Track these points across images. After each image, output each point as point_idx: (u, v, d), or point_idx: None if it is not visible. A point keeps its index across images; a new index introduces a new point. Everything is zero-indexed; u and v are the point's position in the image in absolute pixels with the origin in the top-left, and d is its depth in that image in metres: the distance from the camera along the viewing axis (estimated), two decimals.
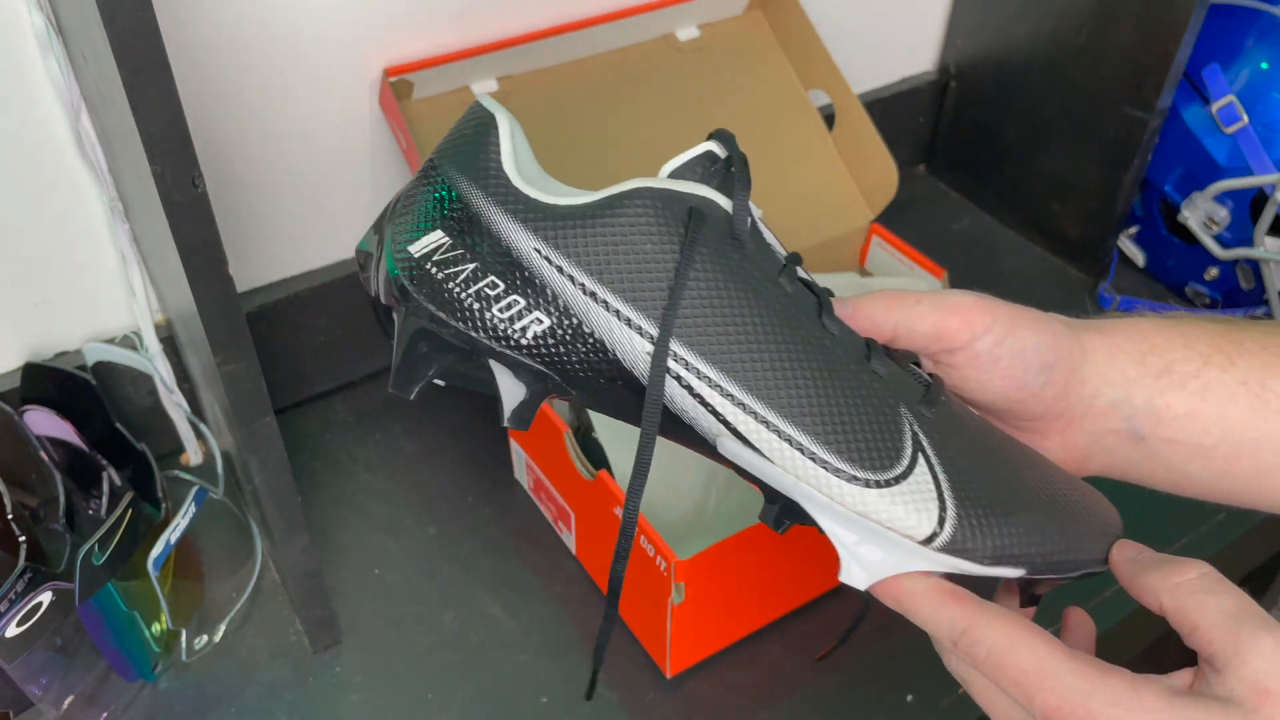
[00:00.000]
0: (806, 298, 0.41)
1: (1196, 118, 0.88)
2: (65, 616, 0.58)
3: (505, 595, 0.70)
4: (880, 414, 0.40)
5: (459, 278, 0.41)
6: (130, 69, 0.41)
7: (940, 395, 0.42)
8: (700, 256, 0.39)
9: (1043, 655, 0.36)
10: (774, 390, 0.40)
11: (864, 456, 0.39)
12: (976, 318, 0.43)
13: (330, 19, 0.70)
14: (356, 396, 0.84)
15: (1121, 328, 0.45)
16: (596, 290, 0.39)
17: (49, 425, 0.68)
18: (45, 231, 0.68)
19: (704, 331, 0.40)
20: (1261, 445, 0.43)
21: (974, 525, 0.39)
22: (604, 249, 0.39)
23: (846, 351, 0.41)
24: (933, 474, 0.40)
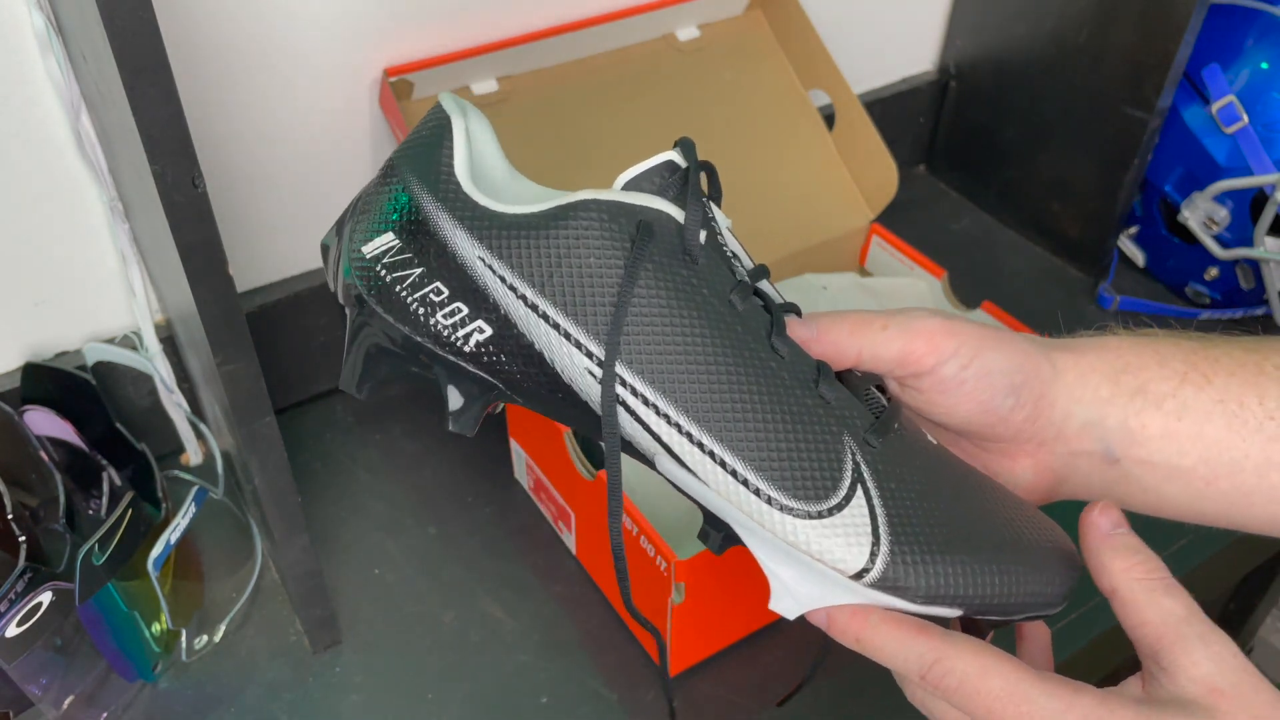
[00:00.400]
0: (758, 317, 0.40)
1: (1196, 118, 0.88)
2: (65, 616, 0.58)
3: (505, 595, 0.70)
4: (821, 442, 0.39)
5: (406, 281, 0.41)
6: (130, 69, 0.41)
7: (892, 424, 0.40)
8: (645, 273, 0.38)
9: (1013, 680, 0.37)
10: (710, 413, 0.39)
11: (799, 486, 0.38)
12: (942, 341, 0.42)
13: (330, 19, 0.70)
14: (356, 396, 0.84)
15: (1094, 347, 0.44)
16: (538, 303, 0.39)
17: (49, 425, 0.68)
18: (45, 231, 0.68)
19: (643, 350, 0.39)
20: (1240, 465, 0.42)
21: (908, 563, 0.38)
22: (548, 261, 0.39)
23: (793, 375, 0.40)
24: (870, 507, 0.38)
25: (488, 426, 0.80)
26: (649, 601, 0.63)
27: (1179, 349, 0.43)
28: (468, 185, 0.40)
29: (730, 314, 0.39)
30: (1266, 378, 0.42)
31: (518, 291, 0.39)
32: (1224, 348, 0.43)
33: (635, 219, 0.39)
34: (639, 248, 0.38)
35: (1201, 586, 0.80)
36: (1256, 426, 0.42)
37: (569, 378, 0.40)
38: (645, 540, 0.60)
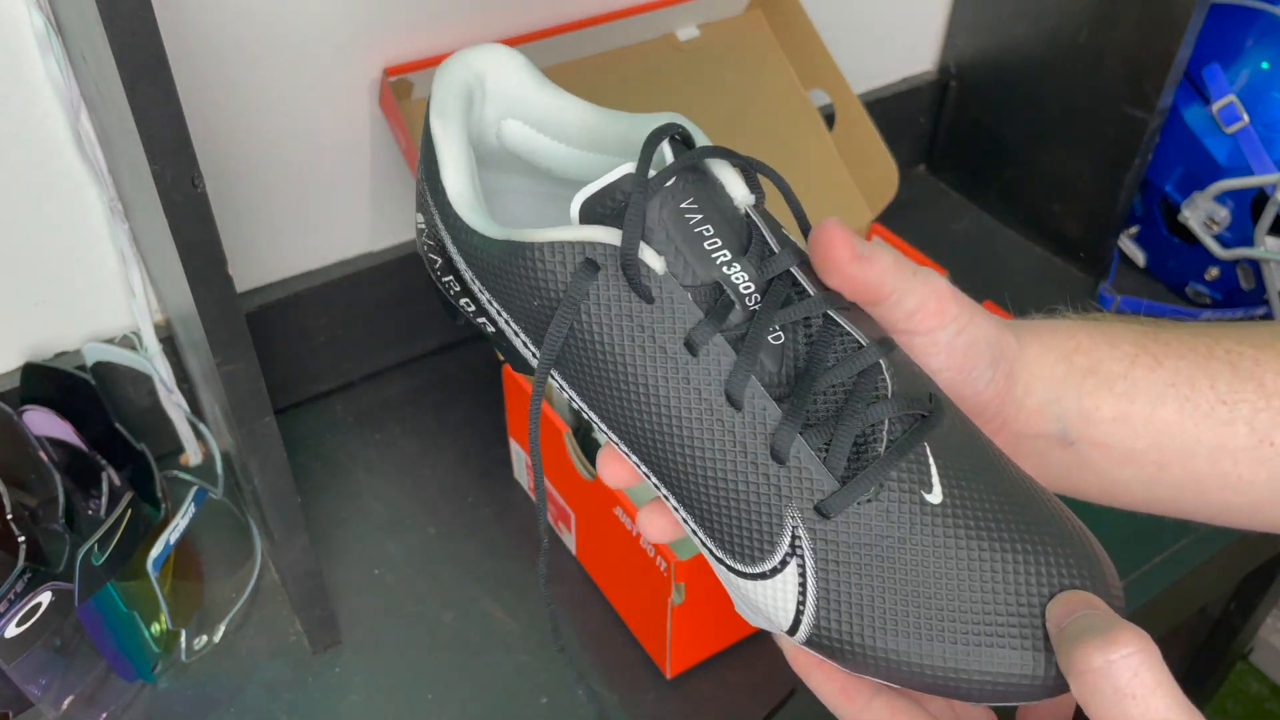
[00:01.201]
0: (718, 364, 0.36)
1: (1197, 117, 0.88)
2: (65, 617, 0.58)
3: (505, 595, 0.70)
4: (759, 512, 0.36)
5: (436, 265, 0.41)
6: (130, 69, 0.41)
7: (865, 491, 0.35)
8: (588, 312, 0.36)
9: None
10: (654, 452, 0.37)
11: (733, 545, 0.37)
12: (948, 305, 0.41)
13: (330, 19, 0.70)
14: (356, 396, 0.84)
15: (1047, 327, 0.44)
16: (512, 323, 0.39)
17: (48, 425, 0.68)
18: (45, 232, 0.68)
19: (589, 386, 0.38)
20: (1193, 451, 0.41)
21: (833, 639, 0.36)
22: (509, 286, 0.38)
23: (747, 432, 0.36)
24: (801, 582, 0.36)
25: (488, 426, 0.80)
26: (649, 601, 0.63)
27: (1129, 331, 0.43)
28: (456, 197, 0.40)
29: (682, 359, 0.36)
30: (1217, 361, 0.42)
31: (499, 311, 0.39)
32: (1173, 331, 0.43)
33: (580, 254, 0.36)
34: (572, 288, 0.36)
35: (1201, 586, 0.80)
36: (1208, 411, 0.41)
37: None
38: (645, 540, 0.60)
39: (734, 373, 0.36)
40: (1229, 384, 0.41)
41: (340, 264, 0.81)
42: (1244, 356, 0.42)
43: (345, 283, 0.80)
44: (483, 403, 0.82)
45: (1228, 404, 0.41)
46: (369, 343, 0.84)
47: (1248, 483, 0.41)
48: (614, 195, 0.36)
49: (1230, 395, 0.41)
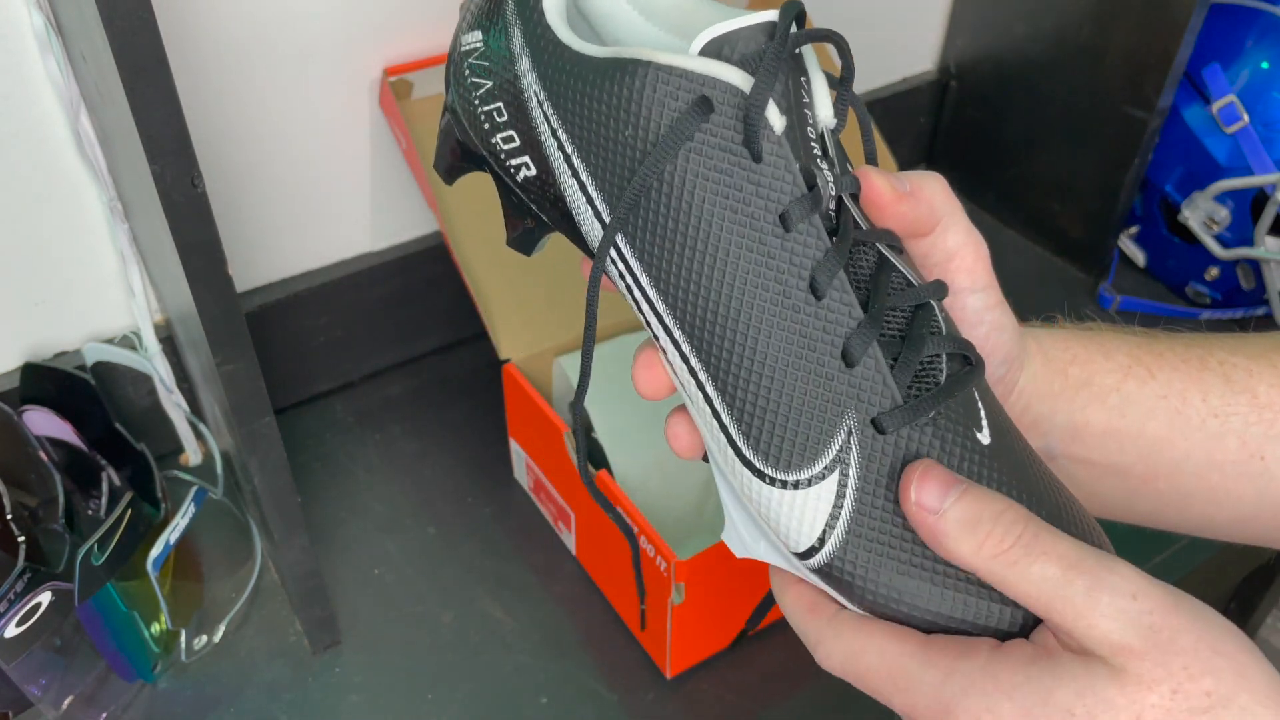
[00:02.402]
0: (810, 247, 0.33)
1: (1197, 117, 0.88)
2: (64, 617, 0.58)
3: (505, 595, 0.70)
4: (817, 414, 0.33)
5: (480, 90, 0.37)
6: (129, 69, 0.41)
7: (927, 412, 0.34)
8: (687, 159, 0.33)
9: (891, 653, 0.33)
10: (705, 336, 0.34)
11: (771, 448, 0.34)
12: (984, 268, 0.39)
13: (330, 19, 0.70)
14: (356, 396, 0.84)
15: (1048, 335, 0.43)
16: (573, 158, 0.35)
17: (48, 425, 0.68)
18: (44, 231, 0.68)
19: (658, 250, 0.34)
20: (1180, 466, 0.41)
21: (857, 561, 0.34)
22: (593, 116, 0.34)
23: (821, 326, 0.33)
24: (839, 493, 0.34)
25: (488, 426, 0.80)
26: (649, 602, 0.63)
27: (1123, 342, 0.42)
28: (552, 7, 0.35)
29: (771, 235, 0.33)
30: (1210, 373, 0.41)
31: (559, 140, 0.35)
32: (1167, 342, 0.43)
33: (695, 91, 0.32)
34: (679, 125, 0.32)
35: (1201, 587, 0.80)
36: (1199, 424, 0.40)
37: (591, 244, 0.36)
38: (645, 540, 0.60)
39: (825, 259, 0.33)
40: (1221, 396, 0.41)
41: (340, 264, 0.81)
42: (1237, 368, 0.41)
43: (345, 283, 0.80)
44: (483, 403, 0.82)
45: (1219, 417, 0.40)
46: (369, 343, 0.84)
47: (1235, 497, 0.41)
48: (739, 42, 0.33)
49: (1222, 408, 0.41)
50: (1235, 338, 0.43)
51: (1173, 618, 0.29)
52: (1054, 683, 0.30)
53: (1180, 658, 0.29)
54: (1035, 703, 0.30)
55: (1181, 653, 0.29)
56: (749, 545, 0.37)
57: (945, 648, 0.32)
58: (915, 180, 0.37)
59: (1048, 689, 0.30)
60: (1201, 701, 0.28)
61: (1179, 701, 0.29)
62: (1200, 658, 0.29)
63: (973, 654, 0.32)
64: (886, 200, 0.36)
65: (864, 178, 0.36)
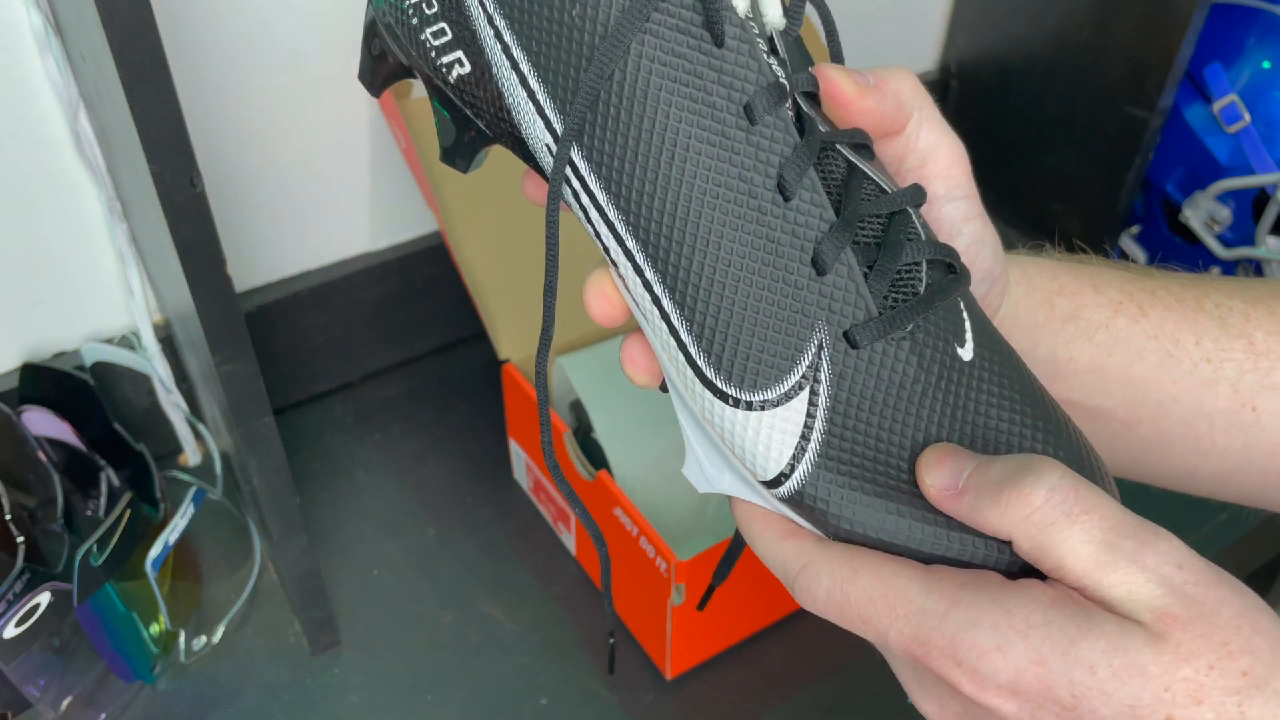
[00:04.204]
0: (778, 139, 0.30)
1: (1198, 117, 0.88)
2: (63, 617, 0.58)
3: (504, 596, 0.70)
4: (784, 327, 0.31)
5: None
6: (128, 68, 0.41)
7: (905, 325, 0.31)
8: (639, 44, 0.29)
9: (887, 575, 0.30)
10: (665, 248, 0.31)
11: (736, 367, 0.31)
12: (962, 172, 0.36)
13: (330, 19, 0.70)
14: (355, 396, 0.84)
15: (1033, 265, 0.40)
16: (513, 48, 0.31)
17: (47, 425, 0.68)
18: (43, 231, 0.68)
19: (610, 146, 0.31)
20: (1166, 410, 0.38)
21: (829, 485, 0.31)
22: (545, 13, 0.30)
23: (790, 230, 0.30)
24: (809, 413, 0.31)
25: (487, 426, 0.80)
26: (649, 602, 0.63)
27: (1116, 277, 0.40)
28: None
29: (737, 127, 0.30)
30: (1205, 315, 0.39)
31: (496, 28, 0.31)
32: (1161, 280, 0.40)
33: None
34: (634, 5, 0.29)
35: None
36: (1190, 369, 0.38)
37: (533, 147, 0.32)
38: (645, 541, 0.60)
39: (794, 155, 0.30)
40: (1216, 341, 0.38)
41: (339, 264, 0.81)
42: (1234, 312, 0.39)
43: (345, 283, 0.80)
44: (482, 403, 0.82)
45: (1212, 362, 0.38)
46: (368, 343, 0.84)
47: (1221, 449, 0.39)
48: None
49: (1216, 353, 0.38)
50: (1234, 281, 0.41)
51: (1215, 590, 0.27)
52: (1079, 633, 0.27)
53: (1222, 632, 0.27)
54: (1053, 649, 0.27)
55: (1223, 627, 0.27)
56: (712, 478, 0.34)
57: (949, 575, 0.29)
58: (879, 74, 0.35)
59: (1071, 638, 0.27)
60: (1236, 681, 0.26)
61: (1214, 679, 0.26)
62: (1241, 634, 0.27)
63: (981, 584, 0.29)
64: (849, 96, 0.33)
65: (821, 74, 0.33)
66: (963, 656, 0.28)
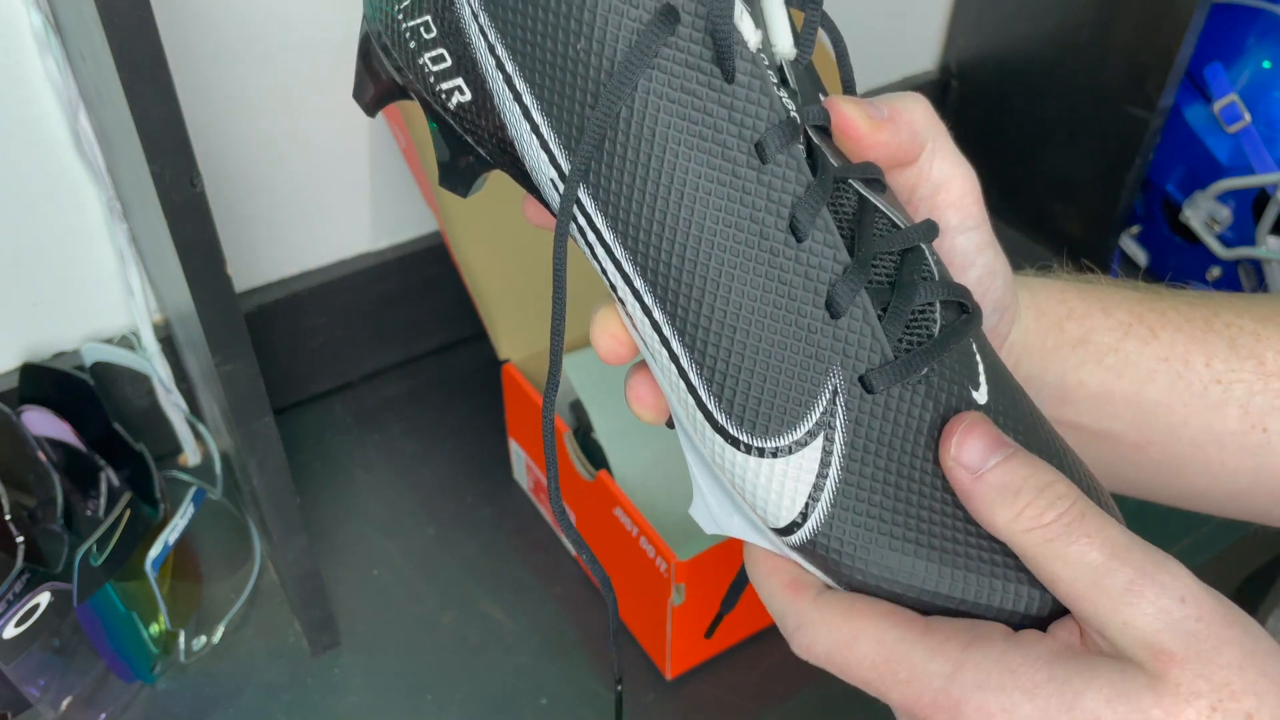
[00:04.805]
0: (790, 179, 0.30)
1: (1198, 117, 0.88)
2: (63, 617, 0.58)
3: (504, 596, 0.70)
4: (798, 372, 0.30)
5: (404, 3, 0.32)
6: (128, 68, 0.41)
7: (920, 368, 0.30)
8: (651, 79, 0.29)
9: (889, 641, 0.29)
10: (675, 291, 0.30)
11: (749, 415, 0.30)
12: (974, 201, 0.36)
13: (329, 18, 0.70)
14: (355, 397, 0.84)
15: (1042, 287, 0.40)
16: (515, 81, 0.30)
17: (47, 425, 0.67)
18: (43, 231, 0.68)
19: (617, 184, 0.30)
20: (1177, 433, 0.38)
21: (844, 535, 0.30)
22: (537, 28, 0.29)
23: (803, 272, 0.30)
24: (823, 465, 0.30)
25: (488, 426, 0.80)
26: (649, 602, 0.63)
27: (1124, 298, 0.40)
28: None
29: (748, 166, 0.29)
30: (1215, 335, 0.38)
31: (498, 58, 0.30)
32: (1170, 300, 0.40)
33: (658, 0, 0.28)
34: (643, 41, 0.28)
35: None
36: (1200, 391, 0.38)
37: (536, 181, 0.32)
38: (645, 541, 0.60)
39: (807, 195, 0.29)
40: (1226, 362, 0.38)
41: (340, 264, 0.81)
42: (1244, 331, 0.39)
43: (345, 283, 0.80)
44: (482, 403, 0.82)
45: (1222, 384, 0.38)
46: (369, 343, 0.84)
47: (1231, 470, 0.39)
48: None
49: (1226, 374, 0.38)
50: (1243, 298, 0.40)
51: (1220, 628, 0.27)
52: (1083, 685, 0.27)
53: (1224, 672, 0.26)
54: (1059, 707, 0.27)
55: (1225, 667, 0.26)
56: (720, 520, 0.34)
57: (952, 633, 0.29)
58: (893, 104, 0.34)
59: (1076, 692, 0.27)
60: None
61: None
62: (1245, 675, 0.26)
63: (984, 642, 0.28)
64: (862, 131, 0.32)
65: (832, 107, 0.32)
66: (970, 717, 0.28)
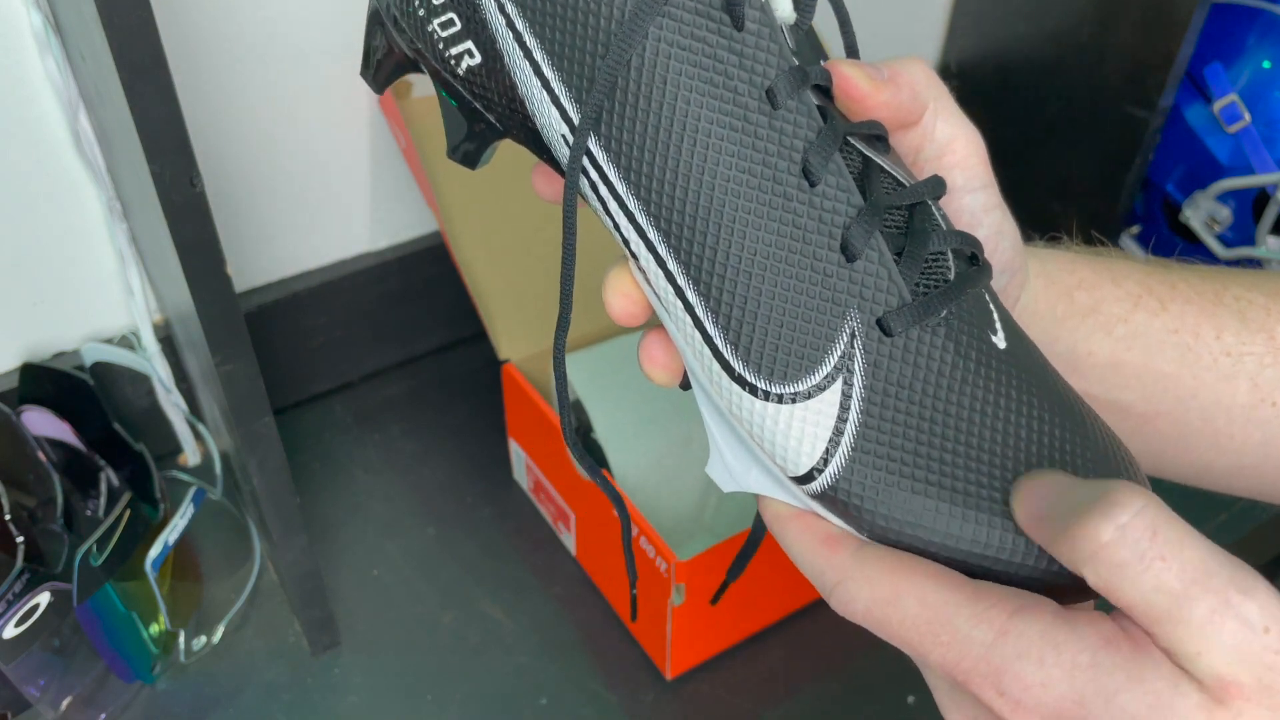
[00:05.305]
0: (801, 124, 0.30)
1: (1198, 117, 0.88)
2: (63, 617, 0.58)
3: (504, 596, 0.70)
4: (815, 315, 0.30)
5: None
6: (128, 68, 0.41)
7: (939, 310, 0.30)
8: (661, 27, 0.29)
9: (933, 601, 0.28)
10: (687, 238, 0.30)
11: (765, 360, 0.30)
12: (980, 162, 0.36)
13: (330, 18, 0.70)
14: (355, 397, 0.84)
15: (1051, 257, 0.40)
16: (525, 36, 0.30)
17: (47, 425, 0.67)
18: (43, 231, 0.68)
19: (628, 134, 0.30)
20: (1185, 405, 0.37)
21: (865, 481, 0.30)
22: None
23: (817, 216, 0.30)
24: (842, 410, 0.30)
25: (488, 426, 0.80)
26: (649, 602, 0.63)
27: (1134, 270, 0.39)
28: None
29: (759, 112, 0.29)
30: (1225, 308, 0.38)
31: (508, 16, 0.30)
32: (1180, 273, 0.40)
33: None
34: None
35: None
36: (1210, 363, 0.38)
37: (548, 139, 0.32)
38: (645, 540, 0.60)
39: (819, 139, 0.30)
40: (1236, 335, 0.38)
41: (340, 264, 0.81)
42: (1254, 305, 0.39)
43: (345, 282, 0.80)
44: (482, 403, 0.82)
45: (1232, 356, 0.38)
46: (369, 343, 0.84)
47: (1239, 444, 0.38)
48: None
49: (1236, 347, 0.38)
50: (1252, 274, 0.40)
51: None
52: (1126, 682, 0.26)
53: None
54: (1096, 694, 0.26)
55: None
56: (738, 476, 0.33)
57: (999, 599, 0.28)
58: (893, 66, 0.34)
59: (1117, 687, 0.26)
60: None
61: None
62: None
63: (1032, 613, 0.27)
64: (863, 91, 0.32)
65: (833, 69, 0.32)
66: (1006, 686, 0.27)
